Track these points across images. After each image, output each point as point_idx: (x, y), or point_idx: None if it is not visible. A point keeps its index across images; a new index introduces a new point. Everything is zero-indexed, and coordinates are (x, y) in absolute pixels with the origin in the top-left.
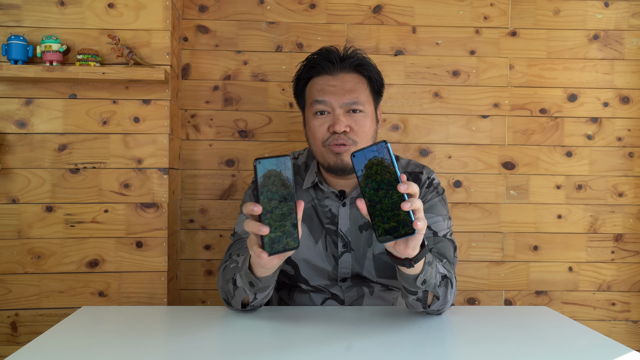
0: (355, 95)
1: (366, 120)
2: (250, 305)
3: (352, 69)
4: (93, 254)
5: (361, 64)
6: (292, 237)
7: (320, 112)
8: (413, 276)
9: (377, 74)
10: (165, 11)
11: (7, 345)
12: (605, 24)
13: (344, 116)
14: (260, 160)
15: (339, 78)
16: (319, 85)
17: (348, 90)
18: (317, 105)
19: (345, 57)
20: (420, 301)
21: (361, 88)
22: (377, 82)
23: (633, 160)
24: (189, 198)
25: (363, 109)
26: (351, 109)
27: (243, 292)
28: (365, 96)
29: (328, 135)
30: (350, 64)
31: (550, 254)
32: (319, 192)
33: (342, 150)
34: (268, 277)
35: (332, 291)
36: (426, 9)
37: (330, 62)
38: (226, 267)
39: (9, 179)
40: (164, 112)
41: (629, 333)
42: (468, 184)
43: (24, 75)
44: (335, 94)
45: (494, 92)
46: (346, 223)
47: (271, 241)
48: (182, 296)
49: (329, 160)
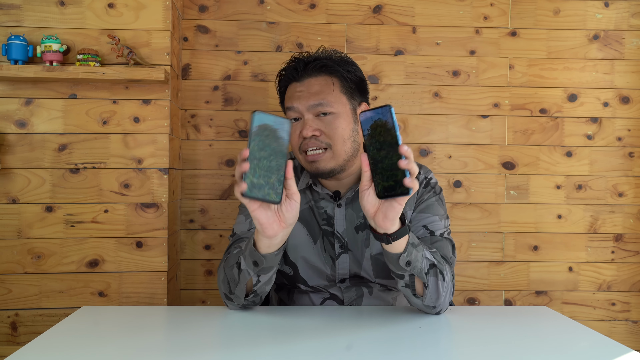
0: (320, 96)
1: (338, 121)
2: (252, 292)
3: (317, 71)
4: (93, 254)
5: (324, 65)
6: (274, 190)
7: (294, 120)
8: (396, 255)
9: (348, 71)
10: (165, 11)
11: (7, 345)
12: (605, 24)
13: (313, 120)
14: (259, 112)
15: (305, 83)
16: (289, 93)
17: (313, 93)
18: (289, 112)
19: (310, 60)
20: (409, 287)
21: (328, 89)
22: (349, 79)
23: (633, 160)
24: (189, 198)
25: (332, 110)
26: (320, 111)
27: (247, 275)
28: (334, 96)
29: (301, 140)
30: (313, 67)
31: (550, 254)
32: (314, 193)
33: (316, 159)
34: (272, 256)
35: (331, 291)
36: (426, 9)
37: (295, 70)
38: (230, 253)
39: (9, 179)
40: (164, 112)
41: (629, 333)
42: (468, 184)
43: (24, 75)
44: (302, 98)
45: (494, 92)
46: (342, 224)
47: (252, 185)
48: (182, 296)
49: (307, 167)
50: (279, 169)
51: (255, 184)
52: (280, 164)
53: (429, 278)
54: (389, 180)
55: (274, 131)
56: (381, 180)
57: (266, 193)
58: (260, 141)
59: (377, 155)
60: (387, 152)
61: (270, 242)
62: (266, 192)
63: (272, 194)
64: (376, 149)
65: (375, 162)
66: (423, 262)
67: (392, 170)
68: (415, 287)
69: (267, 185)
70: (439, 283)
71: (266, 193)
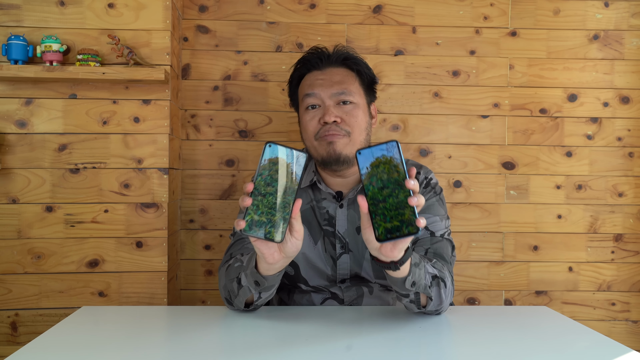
0: (343, 86)
1: (357, 111)
2: (254, 304)
3: (339, 63)
4: (93, 254)
5: (348, 58)
6: (277, 229)
7: (311, 107)
8: (401, 279)
9: (367, 68)
10: (165, 11)
11: (7, 345)
12: (605, 24)
13: (334, 107)
14: (272, 144)
15: (327, 72)
16: (309, 81)
17: (337, 82)
18: (308, 99)
19: (334, 53)
20: (414, 303)
21: (350, 80)
22: (367, 76)
23: (633, 160)
24: (189, 198)
25: (353, 100)
26: (341, 100)
27: (247, 292)
28: (355, 88)
29: (319, 127)
30: (337, 58)
31: (550, 254)
32: (316, 192)
33: (335, 139)
34: (274, 276)
35: (332, 291)
36: (426, 9)
37: (319, 58)
38: (230, 265)
39: (9, 179)
40: (164, 112)
41: (629, 333)
42: (468, 184)
43: (24, 75)
44: (324, 86)
45: (494, 92)
46: (344, 225)
47: (252, 222)
48: (182, 296)
49: (321, 152)
50: (286, 206)
51: (257, 221)
52: (287, 201)
53: (432, 290)
54: (394, 220)
55: (286, 165)
56: (383, 222)
57: (267, 232)
58: (269, 176)
59: (379, 194)
60: (391, 189)
61: (270, 266)
62: (267, 230)
63: (273, 232)
64: (378, 188)
65: (375, 202)
66: (426, 278)
67: (398, 209)
68: (420, 301)
69: (269, 223)
70: (441, 291)
71: (267, 232)
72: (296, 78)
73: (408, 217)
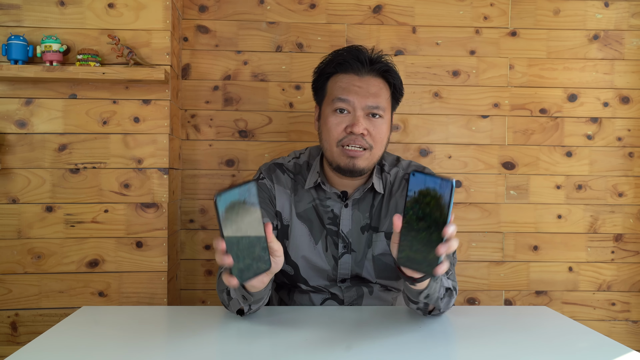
0: (378, 100)
1: (384, 127)
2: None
3: (379, 73)
4: (93, 254)
5: (388, 71)
6: (262, 260)
7: (340, 110)
8: (417, 291)
9: (401, 83)
10: (165, 11)
11: (7, 345)
12: (605, 24)
13: (364, 119)
14: (221, 194)
15: (365, 80)
16: (344, 83)
17: (372, 94)
18: (339, 103)
19: (375, 60)
20: (421, 310)
21: (384, 94)
22: (399, 90)
23: (633, 160)
24: (189, 198)
25: (383, 115)
26: (372, 112)
27: (237, 304)
28: (386, 102)
29: (344, 135)
30: (379, 68)
31: (550, 254)
32: (320, 192)
33: (357, 155)
34: (261, 292)
35: (332, 291)
36: (426, 9)
37: (360, 62)
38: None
39: (9, 179)
40: (164, 112)
41: (629, 333)
42: (468, 184)
43: (24, 75)
44: (360, 95)
45: (494, 92)
46: (348, 224)
47: (240, 271)
48: (182, 296)
49: (338, 161)
50: (259, 237)
51: (243, 268)
52: (258, 231)
53: (443, 301)
54: (418, 254)
55: (242, 204)
56: (408, 249)
57: (256, 268)
58: (233, 224)
59: (415, 224)
60: (428, 225)
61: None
62: (255, 267)
63: (261, 265)
64: (416, 217)
65: (409, 228)
66: (440, 291)
67: (427, 246)
68: (428, 309)
69: (254, 261)
70: (450, 301)
71: (256, 268)
72: (328, 73)
73: (432, 258)
